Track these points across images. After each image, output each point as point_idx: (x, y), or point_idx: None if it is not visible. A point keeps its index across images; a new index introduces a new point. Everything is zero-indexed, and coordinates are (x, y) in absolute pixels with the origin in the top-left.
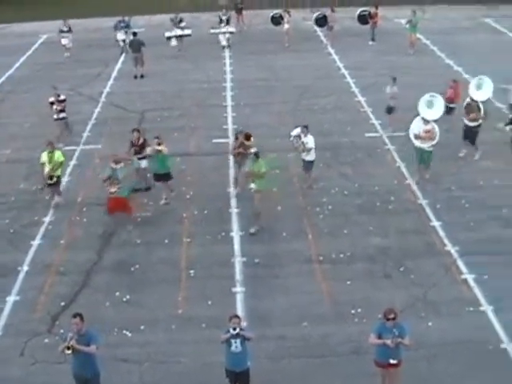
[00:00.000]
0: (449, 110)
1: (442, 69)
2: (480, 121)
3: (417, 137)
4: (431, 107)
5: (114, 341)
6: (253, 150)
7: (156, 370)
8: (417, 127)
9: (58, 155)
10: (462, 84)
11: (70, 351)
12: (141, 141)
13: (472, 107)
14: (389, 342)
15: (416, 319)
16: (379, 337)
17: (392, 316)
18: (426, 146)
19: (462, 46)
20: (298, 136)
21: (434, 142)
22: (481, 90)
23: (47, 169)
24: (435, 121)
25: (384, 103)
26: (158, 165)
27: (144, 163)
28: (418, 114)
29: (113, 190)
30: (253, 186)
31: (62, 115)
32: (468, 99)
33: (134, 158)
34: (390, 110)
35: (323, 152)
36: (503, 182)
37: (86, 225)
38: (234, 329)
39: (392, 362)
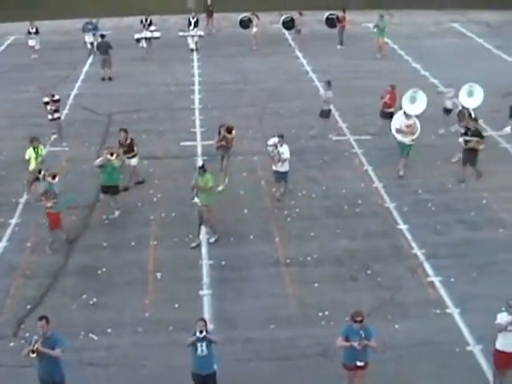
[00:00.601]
0: (387, 115)
1: (409, 73)
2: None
3: (398, 131)
4: (414, 102)
5: (80, 344)
6: (199, 164)
7: (123, 374)
8: (398, 122)
9: (42, 149)
10: (399, 90)
11: (34, 355)
12: (128, 140)
13: (463, 114)
14: (356, 344)
15: (383, 321)
16: (346, 339)
17: (359, 318)
18: (406, 140)
19: (429, 51)
20: (275, 145)
21: (414, 137)
22: (472, 97)
23: (33, 164)
24: (417, 116)
25: (352, 107)
26: (106, 176)
27: (134, 161)
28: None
29: (48, 204)
30: (196, 200)
31: (56, 115)
32: (460, 107)
33: (124, 157)
34: (324, 114)
35: (291, 156)
36: (470, 186)
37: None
38: (201, 332)
39: (359, 364)
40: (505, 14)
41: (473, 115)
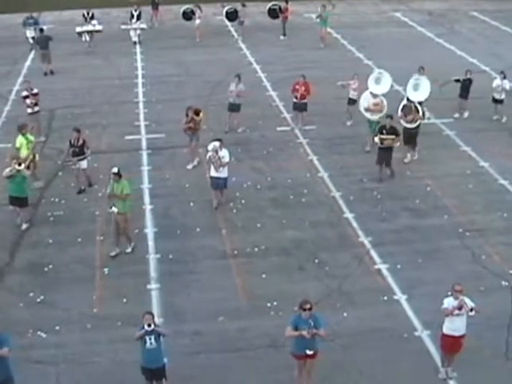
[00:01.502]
0: (303, 107)
1: (352, 62)
2: (419, 121)
3: (367, 109)
4: (379, 83)
5: (28, 342)
6: (114, 170)
7: (73, 371)
8: (366, 101)
9: (31, 136)
10: (344, 79)
11: None
12: (80, 141)
13: (409, 108)
14: (305, 333)
15: (331, 310)
16: (295, 329)
17: (308, 306)
18: (375, 117)
19: (372, 40)
20: (216, 151)
21: (382, 114)
22: (417, 90)
23: (25, 151)
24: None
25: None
26: (15, 187)
27: (84, 164)
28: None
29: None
30: (114, 209)
31: (36, 108)
32: (404, 100)
33: (73, 159)
34: (232, 108)
35: (235, 147)
36: (414, 174)
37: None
38: (149, 325)
39: (308, 352)
40: (446, 2)
41: (419, 109)
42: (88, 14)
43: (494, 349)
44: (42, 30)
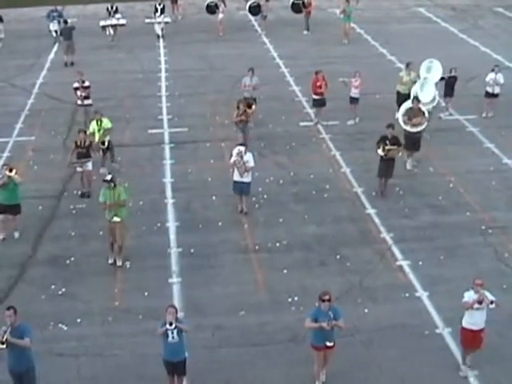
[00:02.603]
0: (324, 103)
1: (375, 58)
2: (424, 125)
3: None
4: (430, 71)
5: (49, 335)
6: (107, 177)
7: (93, 364)
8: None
9: (106, 122)
10: (367, 74)
11: (4, 346)
12: (87, 143)
13: (414, 111)
14: (325, 324)
15: (352, 305)
16: (315, 321)
17: (327, 298)
18: (427, 107)
19: (396, 35)
20: (241, 155)
21: (434, 104)
22: (422, 92)
23: (98, 136)
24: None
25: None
26: (6, 195)
27: (90, 165)
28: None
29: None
30: (116, 219)
31: (86, 102)
32: (408, 103)
33: (80, 161)
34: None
35: (258, 142)
36: (437, 170)
37: (20, 218)
38: (170, 324)
39: (328, 344)
40: None
41: (425, 111)
42: (112, 7)
43: None
44: (66, 22)
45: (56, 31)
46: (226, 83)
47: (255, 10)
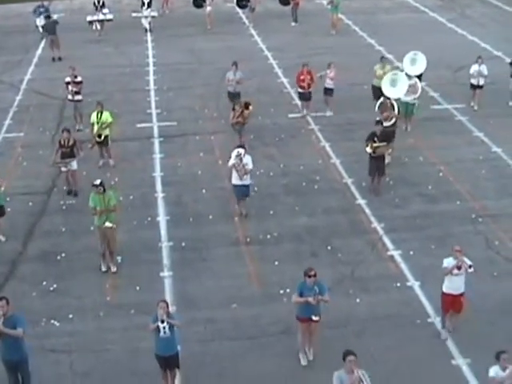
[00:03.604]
0: (310, 96)
1: (364, 48)
2: (394, 119)
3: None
4: (414, 64)
5: (42, 331)
6: (96, 182)
7: (86, 359)
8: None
9: (106, 116)
10: (356, 65)
11: None
12: (71, 142)
13: (385, 105)
14: (311, 299)
15: (344, 296)
16: (301, 295)
17: (312, 273)
18: (409, 99)
19: (384, 26)
20: (240, 158)
21: (416, 95)
22: (395, 87)
23: (96, 128)
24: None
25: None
26: None
27: (74, 165)
28: None
29: None
30: (108, 224)
31: (77, 97)
32: (381, 98)
33: (64, 161)
34: (233, 96)
35: (247, 134)
36: (427, 160)
37: (10, 214)
38: (162, 321)
39: (314, 318)
40: None
41: (395, 106)
42: (99, 2)
43: (508, 334)
44: (48, 17)
45: (43, 26)
46: (215, 76)
47: (243, 2)
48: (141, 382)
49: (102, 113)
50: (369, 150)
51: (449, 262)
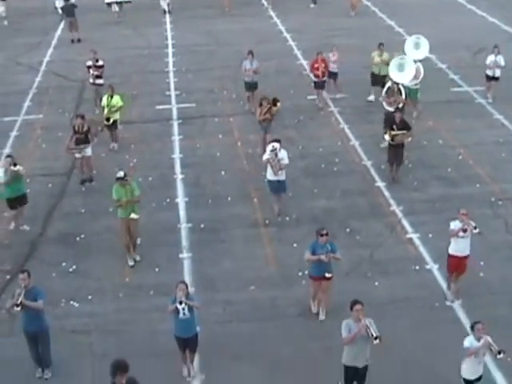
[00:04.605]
0: (324, 85)
1: (383, 30)
2: (401, 104)
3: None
4: (418, 48)
5: (61, 312)
6: (120, 174)
7: (105, 340)
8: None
9: (117, 100)
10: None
11: (19, 308)
12: (85, 128)
13: (392, 91)
14: (323, 257)
15: (363, 279)
16: (313, 254)
17: (325, 232)
18: (411, 84)
19: (403, 7)
20: (275, 153)
21: (418, 80)
22: (402, 71)
23: (106, 111)
24: (420, 60)
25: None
26: (14, 187)
27: (89, 151)
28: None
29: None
30: (134, 215)
31: (98, 81)
32: (389, 82)
33: (78, 147)
34: (251, 86)
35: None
36: (446, 143)
37: (30, 196)
38: (180, 302)
39: (327, 275)
40: None
41: (403, 91)
42: None
43: None
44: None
45: (62, 8)
46: (233, 58)
47: None
48: (160, 363)
49: (112, 96)
50: (387, 137)
51: (455, 224)
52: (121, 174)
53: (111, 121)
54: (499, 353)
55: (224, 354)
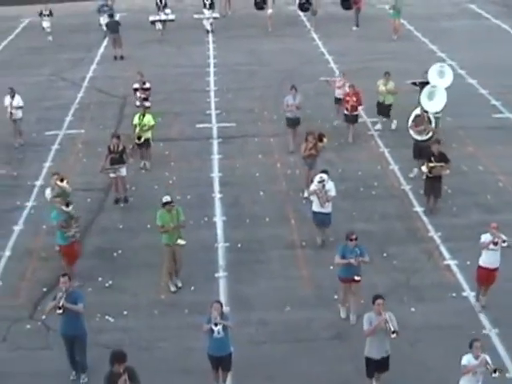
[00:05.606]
0: (354, 119)
1: (425, 54)
2: (430, 133)
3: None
4: (443, 76)
5: (96, 326)
6: (166, 199)
7: (139, 356)
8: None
9: (149, 119)
10: (416, 71)
11: (61, 311)
12: (120, 147)
13: (421, 118)
14: (353, 260)
15: (399, 304)
16: (343, 257)
17: (354, 237)
18: (432, 113)
19: (446, 32)
20: (323, 184)
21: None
22: (432, 100)
23: (137, 130)
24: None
25: (369, 89)
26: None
27: (123, 171)
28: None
29: (70, 233)
30: (181, 242)
31: (146, 104)
32: (418, 110)
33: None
34: (293, 123)
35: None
36: (486, 169)
37: None
38: (216, 324)
39: (356, 278)
40: None
41: (432, 120)
42: (161, 2)
43: None
44: (111, 16)
45: (106, 25)
46: (275, 78)
47: (305, 5)
48: (191, 381)
49: (144, 115)
50: (425, 169)
51: (486, 237)
52: (167, 198)
53: (142, 139)
54: (494, 371)
55: (257, 375)
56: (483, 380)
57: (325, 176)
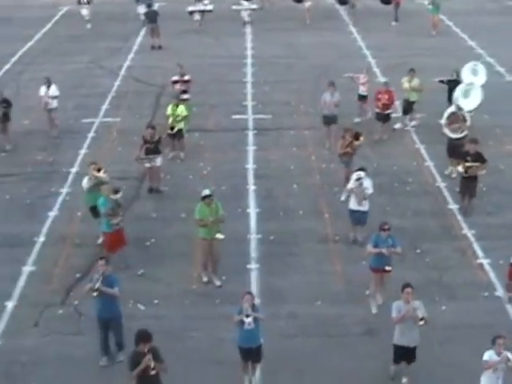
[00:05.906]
0: (386, 118)
1: (464, 51)
2: (465, 132)
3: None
4: (476, 75)
5: (128, 313)
6: (206, 192)
7: (170, 344)
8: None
9: (182, 109)
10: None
11: (96, 293)
12: (156, 138)
13: (456, 117)
14: (384, 250)
15: (430, 302)
16: (376, 247)
17: (387, 227)
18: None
19: (486, 29)
20: (360, 182)
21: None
22: (468, 98)
23: (170, 120)
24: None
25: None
26: (95, 194)
27: (159, 161)
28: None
29: (116, 220)
30: (220, 236)
31: (185, 96)
32: (453, 107)
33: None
34: (330, 121)
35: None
36: None
37: None
38: (247, 316)
39: (387, 268)
40: None
41: (468, 119)
42: None
43: None
44: (150, 5)
45: (144, 14)
46: (312, 72)
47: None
48: (221, 371)
49: (177, 105)
50: (460, 169)
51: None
52: (207, 192)
53: (175, 130)
54: None
55: (286, 368)
56: (503, 377)
57: (362, 174)
